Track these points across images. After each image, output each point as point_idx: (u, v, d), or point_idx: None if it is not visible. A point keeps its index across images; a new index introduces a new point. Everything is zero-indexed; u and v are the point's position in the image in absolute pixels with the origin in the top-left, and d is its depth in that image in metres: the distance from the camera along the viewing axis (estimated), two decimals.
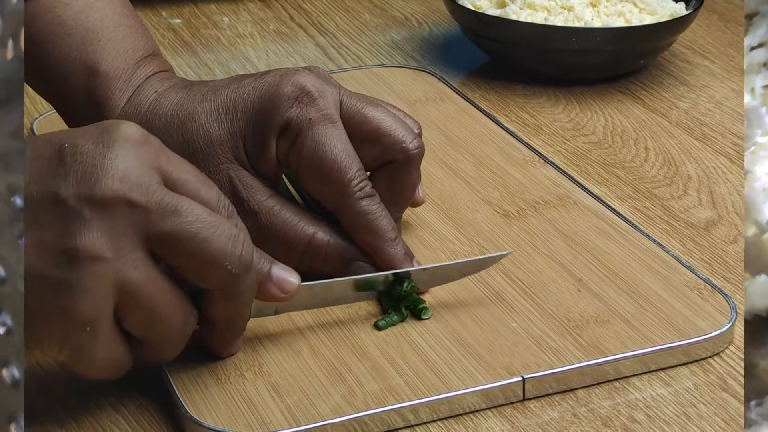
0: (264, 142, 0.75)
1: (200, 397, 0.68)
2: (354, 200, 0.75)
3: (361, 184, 0.75)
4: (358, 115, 0.77)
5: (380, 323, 0.73)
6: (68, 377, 0.71)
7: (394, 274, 0.74)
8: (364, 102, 0.77)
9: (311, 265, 0.75)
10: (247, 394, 0.68)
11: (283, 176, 0.81)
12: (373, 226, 0.75)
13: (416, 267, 0.75)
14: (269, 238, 0.75)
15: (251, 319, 0.70)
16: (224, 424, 0.66)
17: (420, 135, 0.79)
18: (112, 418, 0.68)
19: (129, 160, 0.61)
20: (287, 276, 0.68)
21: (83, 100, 0.79)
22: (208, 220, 0.63)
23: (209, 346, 0.70)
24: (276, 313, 0.71)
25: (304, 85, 0.75)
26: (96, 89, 0.79)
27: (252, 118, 0.75)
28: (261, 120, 0.75)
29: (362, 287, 0.74)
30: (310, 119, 0.74)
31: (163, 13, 1.25)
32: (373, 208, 0.75)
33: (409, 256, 0.76)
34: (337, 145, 0.75)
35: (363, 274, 0.75)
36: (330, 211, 0.76)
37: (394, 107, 0.80)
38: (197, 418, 0.66)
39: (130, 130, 0.63)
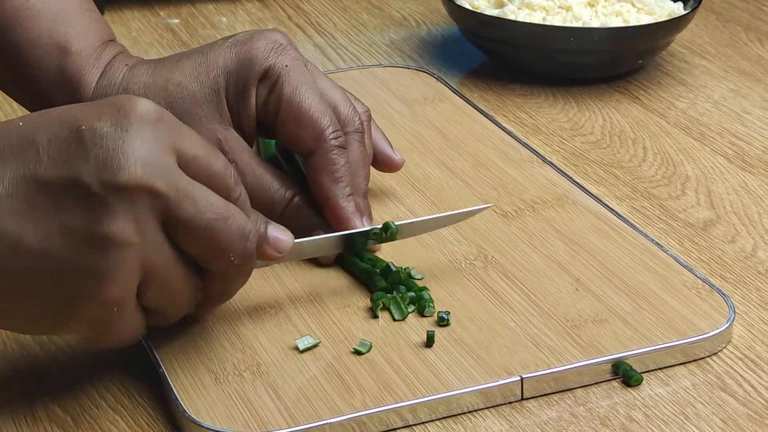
0: (245, 92, 0.79)
1: (198, 397, 0.68)
2: (328, 145, 0.79)
3: (336, 133, 0.79)
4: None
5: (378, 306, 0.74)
6: (66, 377, 0.71)
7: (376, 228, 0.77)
8: (320, 73, 0.82)
9: (284, 224, 0.77)
10: (245, 394, 0.68)
11: (256, 145, 0.85)
12: (335, 176, 0.79)
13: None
14: (252, 197, 0.77)
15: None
16: (222, 424, 0.66)
17: (369, 119, 0.83)
18: (110, 418, 0.68)
19: (148, 143, 0.62)
20: (281, 235, 0.70)
21: (56, 79, 0.82)
22: (221, 210, 0.65)
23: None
24: (267, 265, 0.74)
25: (276, 38, 0.81)
26: (68, 68, 0.81)
27: (232, 71, 0.80)
28: (241, 71, 0.79)
29: (346, 244, 0.77)
30: (287, 65, 0.80)
31: (161, 14, 1.25)
32: (342, 160, 0.79)
33: (360, 213, 0.79)
34: (313, 91, 0.80)
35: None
36: (303, 155, 0.80)
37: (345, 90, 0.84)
38: (195, 417, 0.66)
39: (145, 107, 0.63)
